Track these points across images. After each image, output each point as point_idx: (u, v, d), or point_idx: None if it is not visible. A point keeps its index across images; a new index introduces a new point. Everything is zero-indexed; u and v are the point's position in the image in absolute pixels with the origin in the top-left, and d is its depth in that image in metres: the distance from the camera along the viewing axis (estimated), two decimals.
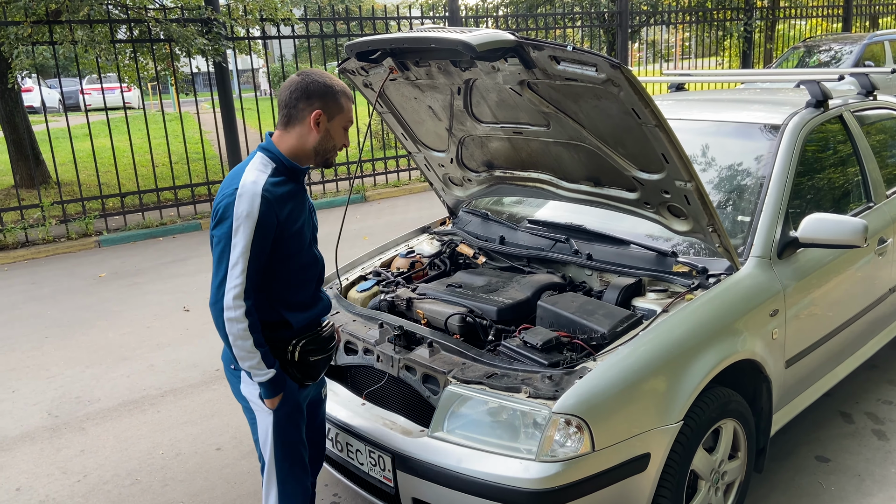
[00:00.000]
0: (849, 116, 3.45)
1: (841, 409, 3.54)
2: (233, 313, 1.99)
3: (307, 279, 2.22)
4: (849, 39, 10.78)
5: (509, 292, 2.78)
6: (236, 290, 1.98)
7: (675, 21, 13.36)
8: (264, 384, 2.09)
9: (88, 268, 6.89)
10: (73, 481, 3.33)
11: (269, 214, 2.00)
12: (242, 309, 1.99)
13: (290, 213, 2.08)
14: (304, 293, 2.20)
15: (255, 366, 2.05)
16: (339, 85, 2.13)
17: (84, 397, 4.16)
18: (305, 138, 2.12)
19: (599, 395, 2.15)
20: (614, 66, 2.13)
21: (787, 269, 2.77)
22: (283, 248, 2.09)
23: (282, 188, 2.07)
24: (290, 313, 2.16)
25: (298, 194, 2.15)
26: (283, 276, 2.13)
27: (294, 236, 2.11)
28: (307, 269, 2.21)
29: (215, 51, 8.10)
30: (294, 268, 2.16)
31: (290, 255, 2.12)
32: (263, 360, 2.05)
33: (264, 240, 2.01)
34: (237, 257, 1.97)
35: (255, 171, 2.06)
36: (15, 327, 5.37)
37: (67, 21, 7.39)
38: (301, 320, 2.19)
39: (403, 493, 2.35)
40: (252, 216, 1.97)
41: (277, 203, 2.03)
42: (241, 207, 1.98)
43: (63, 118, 8.11)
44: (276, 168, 2.09)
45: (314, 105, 2.09)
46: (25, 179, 9.03)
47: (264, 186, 2.01)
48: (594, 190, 2.83)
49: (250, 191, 1.99)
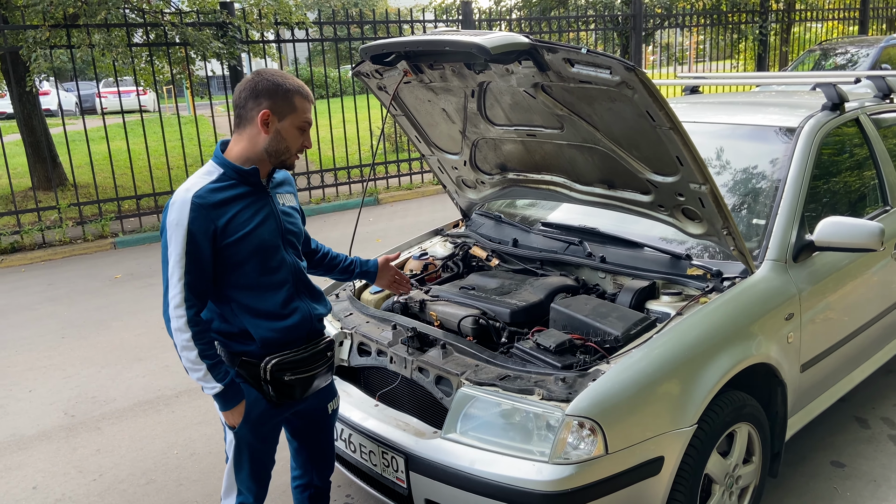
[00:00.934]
0: (865, 119, 3.43)
1: (857, 414, 3.51)
2: (175, 323, 1.95)
3: (272, 285, 2.09)
4: (865, 42, 10.70)
5: (522, 294, 2.78)
6: (176, 299, 1.94)
7: (690, 24, 13.30)
8: (215, 398, 2.02)
9: (104, 269, 6.96)
10: (89, 480, 3.36)
11: (199, 220, 1.93)
12: (183, 319, 1.94)
13: (235, 218, 1.99)
14: (269, 300, 2.08)
15: (202, 378, 1.99)
16: (292, 84, 2.03)
17: (100, 397, 4.20)
18: (255, 140, 2.03)
19: (613, 397, 2.14)
20: (629, 69, 2.13)
21: (802, 272, 2.75)
22: (232, 253, 2.00)
23: (223, 193, 1.99)
24: (253, 321, 2.06)
25: (253, 196, 2.05)
26: (241, 283, 2.05)
27: (242, 241, 2.00)
28: (271, 273, 2.08)
29: (230, 54, 8.16)
30: (251, 273, 2.04)
31: (242, 260, 2.02)
32: (210, 372, 1.98)
33: (198, 246, 1.94)
34: (173, 266, 1.94)
35: (195, 178, 2.02)
36: (32, 328, 5.43)
37: (85, 25, 7.47)
38: (266, 332, 2.07)
39: (416, 495, 2.35)
40: (181, 224, 1.93)
41: (212, 208, 1.96)
42: (171, 216, 1.95)
43: (80, 121, 8.21)
44: (224, 173, 2.02)
45: (262, 104, 2.00)
46: (43, 181, 9.13)
47: (196, 193, 1.96)
48: (608, 192, 2.83)
49: (181, 199, 1.95)
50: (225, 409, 2.05)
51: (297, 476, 2.47)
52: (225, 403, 2.04)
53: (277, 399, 2.12)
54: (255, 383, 2.10)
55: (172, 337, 1.98)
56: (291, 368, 2.11)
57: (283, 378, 2.09)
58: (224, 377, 2.01)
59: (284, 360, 2.10)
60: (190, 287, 1.95)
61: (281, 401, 2.13)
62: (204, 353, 1.97)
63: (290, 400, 2.15)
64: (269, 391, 2.10)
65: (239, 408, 2.07)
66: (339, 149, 10.26)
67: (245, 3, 8.72)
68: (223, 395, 2.02)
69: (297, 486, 2.48)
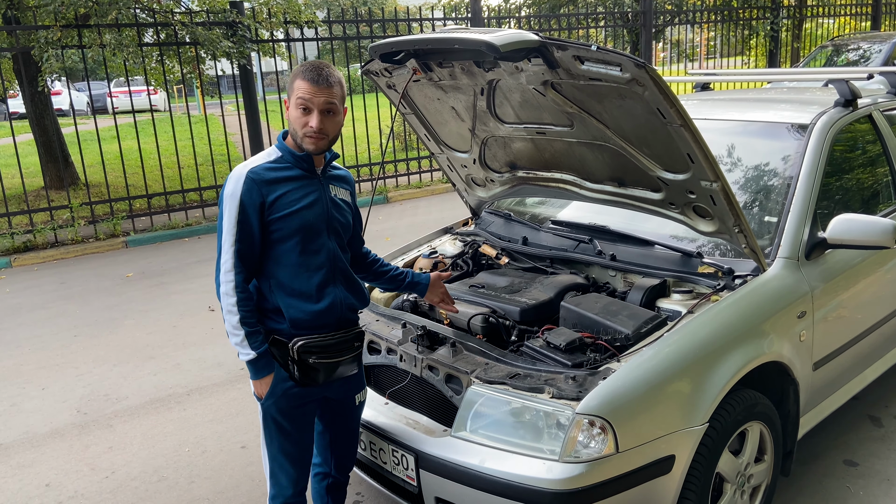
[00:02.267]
0: (878, 116, 3.40)
1: (870, 412, 3.48)
2: (224, 287, 2.09)
3: (310, 267, 2.18)
4: (878, 38, 10.60)
5: (532, 293, 2.78)
6: (227, 264, 2.09)
7: (700, 20, 13.23)
8: (247, 364, 2.14)
9: (116, 268, 7.00)
10: (102, 477, 3.39)
11: (250, 194, 2.08)
12: (232, 283, 2.08)
13: (284, 196, 2.13)
14: (304, 282, 2.18)
15: (239, 343, 2.11)
16: (301, 67, 2.14)
17: (112, 395, 4.23)
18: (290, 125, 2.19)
19: (623, 396, 2.13)
20: (639, 66, 2.12)
21: (815, 270, 2.73)
22: (276, 228, 2.13)
23: (277, 172, 2.14)
24: (286, 300, 2.16)
25: (306, 180, 2.18)
26: (280, 259, 2.16)
27: (287, 219, 2.12)
28: (310, 255, 2.18)
29: (240, 53, 8.19)
30: (291, 251, 2.16)
31: (285, 236, 2.14)
32: (247, 339, 2.10)
33: (248, 217, 2.08)
34: (226, 233, 2.09)
35: (257, 157, 2.18)
36: (44, 326, 5.47)
37: (96, 25, 7.51)
38: (297, 313, 2.16)
39: (426, 493, 2.35)
40: (235, 195, 2.08)
41: (264, 184, 2.11)
42: (227, 189, 2.10)
43: (91, 121, 8.26)
44: (281, 157, 2.17)
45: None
46: (55, 181, 9.19)
47: (252, 169, 2.12)
48: (618, 190, 2.81)
49: (237, 174, 2.11)
50: (255, 377, 2.16)
51: (318, 464, 2.51)
52: (256, 371, 2.15)
53: (301, 380, 2.19)
54: (282, 362, 2.19)
55: (220, 301, 2.12)
56: (317, 352, 2.18)
57: (308, 360, 2.17)
58: (259, 346, 2.12)
59: (311, 342, 2.17)
60: (240, 254, 2.09)
61: (304, 382, 2.20)
62: (245, 320, 2.09)
63: (313, 383, 2.21)
64: (294, 371, 2.18)
65: (267, 379, 2.17)
66: (348, 147, 10.28)
67: (255, 3, 8.75)
68: (255, 362, 2.13)
69: (317, 475, 2.52)
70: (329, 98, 2.10)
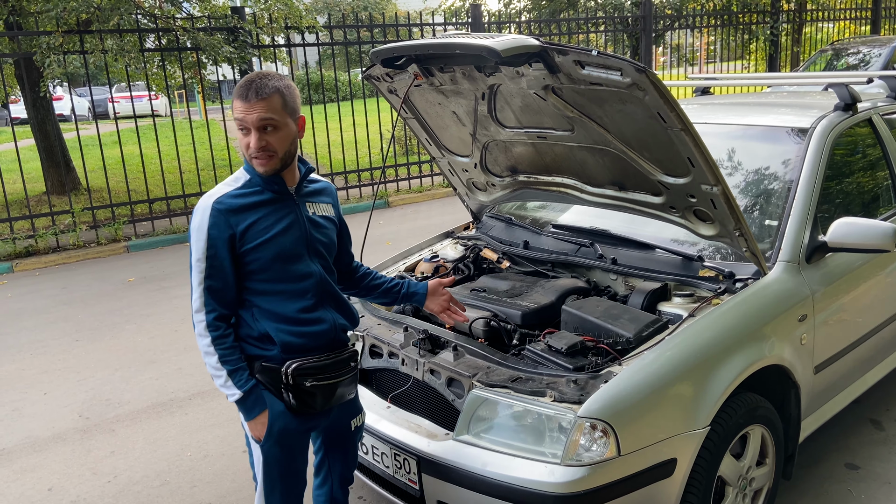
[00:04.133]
0: (878, 120, 3.41)
1: (871, 416, 3.48)
2: (196, 328, 1.99)
3: (295, 293, 2.05)
4: (877, 42, 10.62)
5: (534, 297, 2.78)
6: (196, 303, 1.97)
7: (700, 25, 13.25)
8: (237, 405, 2.02)
9: (117, 272, 7.01)
10: (104, 482, 3.39)
11: (218, 226, 1.95)
12: (203, 323, 1.97)
13: (255, 225, 1.98)
14: (291, 305, 2.05)
15: (223, 384, 1.99)
16: (239, 84, 1.96)
17: (114, 399, 4.23)
18: None
19: (625, 399, 2.14)
20: (639, 70, 2.13)
21: (815, 273, 2.74)
22: (252, 259, 1.99)
23: (246, 199, 1.99)
24: (273, 325, 2.04)
25: (275, 204, 2.03)
26: (262, 289, 2.03)
27: (261, 248, 1.98)
28: (294, 281, 2.05)
29: (241, 59, 8.22)
30: (272, 279, 2.02)
31: (263, 266, 2.00)
32: (230, 378, 1.97)
33: (217, 252, 1.95)
34: (194, 271, 1.97)
35: (222, 184, 2.04)
36: (46, 331, 5.47)
37: (98, 30, 7.54)
38: (287, 337, 2.03)
39: (429, 496, 2.35)
40: (201, 229, 1.96)
41: (232, 214, 1.96)
42: (194, 221, 1.99)
43: (93, 126, 8.29)
44: (249, 180, 2.03)
45: None
46: (56, 186, 9.21)
47: (217, 198, 1.98)
48: (619, 194, 2.82)
49: (202, 205, 1.98)
50: (248, 417, 2.04)
51: (318, 485, 2.41)
52: (248, 411, 2.03)
53: (298, 407, 2.06)
54: (275, 390, 2.05)
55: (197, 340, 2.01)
56: (313, 374, 2.05)
57: (305, 384, 2.04)
58: (245, 383, 2.00)
59: (305, 364, 2.04)
60: (210, 291, 1.97)
61: (301, 409, 2.06)
62: (224, 358, 1.97)
63: (310, 409, 2.08)
64: (290, 399, 2.04)
65: (262, 417, 2.04)
66: (349, 152, 10.30)
67: (256, 8, 8.77)
68: (243, 401, 2.01)
69: (319, 496, 2.41)
70: (263, 113, 1.91)
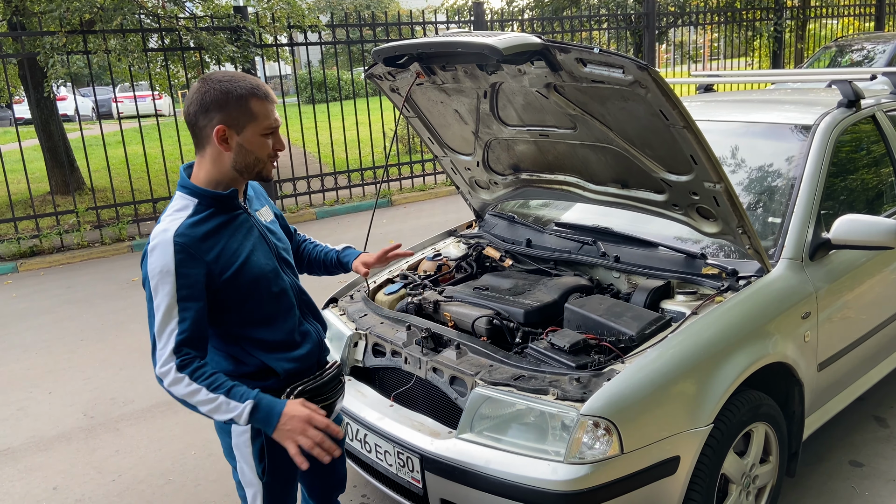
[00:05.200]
0: (882, 116, 3.40)
1: (875, 413, 3.47)
2: (170, 377, 1.71)
3: (281, 313, 1.91)
4: (881, 38, 10.58)
5: (536, 295, 2.78)
6: (165, 352, 1.71)
7: (704, 22, 13.22)
8: (253, 420, 1.74)
9: (122, 272, 7.03)
10: (108, 481, 3.40)
11: (188, 262, 1.71)
12: (173, 365, 1.70)
13: (225, 250, 1.78)
14: (280, 330, 1.90)
15: (226, 410, 1.72)
16: (244, 86, 1.74)
17: (118, 399, 4.25)
18: (219, 159, 1.78)
19: (628, 397, 2.14)
20: (641, 68, 2.12)
21: (819, 270, 2.73)
22: (231, 290, 1.79)
23: (204, 225, 1.77)
24: (269, 356, 1.88)
25: (235, 223, 1.83)
26: (249, 318, 1.85)
27: (239, 274, 1.79)
28: (276, 300, 1.89)
29: (244, 58, 8.22)
30: (256, 304, 1.85)
31: (245, 294, 1.81)
32: (230, 399, 1.72)
33: (192, 290, 1.71)
34: (162, 319, 1.71)
35: (169, 216, 1.78)
36: (51, 330, 5.49)
37: (101, 31, 7.56)
38: (287, 364, 1.90)
39: (432, 494, 2.36)
40: (167, 270, 1.69)
41: (199, 245, 1.73)
42: (153, 264, 1.71)
43: (97, 126, 8.31)
44: (199, 203, 1.79)
45: (213, 119, 1.74)
46: (60, 186, 9.23)
47: (177, 231, 1.72)
48: (621, 192, 2.82)
49: (161, 242, 1.71)
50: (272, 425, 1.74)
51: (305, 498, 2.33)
52: (267, 420, 1.74)
53: None
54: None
55: (174, 395, 1.74)
56: (313, 395, 1.93)
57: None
58: (247, 393, 1.74)
59: (307, 388, 1.92)
60: (186, 339, 1.71)
61: None
62: (212, 386, 1.72)
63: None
64: None
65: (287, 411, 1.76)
66: (352, 151, 10.29)
67: (258, 7, 8.78)
68: (257, 411, 1.73)
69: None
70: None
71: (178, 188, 1.85)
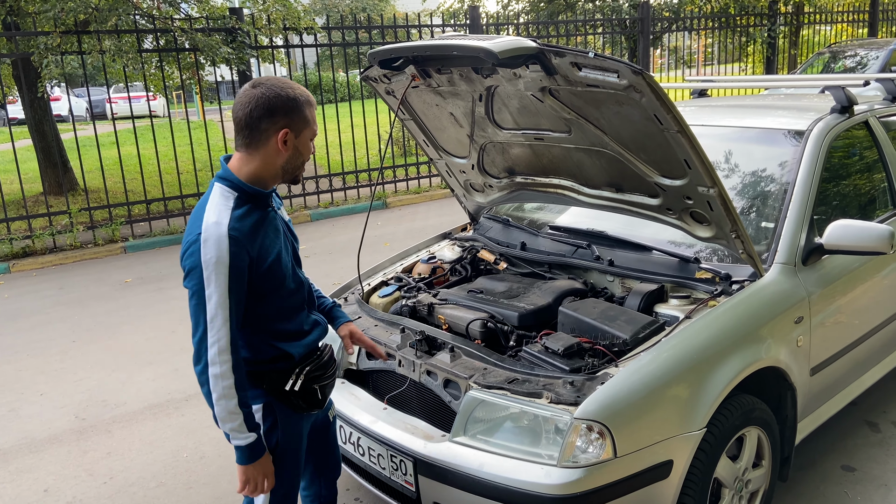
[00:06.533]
0: (875, 122, 3.42)
1: (867, 418, 3.49)
2: (218, 369, 1.82)
3: (296, 306, 2.05)
4: (875, 45, 10.64)
5: (530, 298, 2.78)
6: (220, 343, 1.81)
7: (698, 27, 13.28)
8: (242, 448, 1.90)
9: (114, 273, 7.00)
10: (100, 483, 3.38)
11: (240, 255, 1.81)
12: (228, 364, 1.82)
13: (263, 245, 1.90)
14: (296, 321, 2.05)
15: (237, 427, 1.86)
16: (301, 94, 1.91)
17: (110, 401, 4.23)
18: (272, 160, 1.90)
19: (621, 401, 2.14)
20: (636, 72, 2.13)
21: (812, 275, 2.75)
22: (265, 283, 1.91)
23: (249, 219, 1.87)
24: (287, 345, 2.02)
25: (267, 220, 1.95)
26: (272, 312, 1.98)
27: (273, 267, 1.92)
28: (293, 294, 2.03)
29: (239, 59, 8.21)
30: (280, 297, 1.98)
31: (273, 287, 1.94)
32: (245, 422, 1.87)
33: (240, 283, 1.83)
34: (215, 309, 1.80)
35: (216, 208, 1.85)
36: (43, 332, 5.46)
37: (96, 31, 7.53)
38: (301, 349, 2.05)
39: (425, 498, 2.35)
40: (222, 261, 1.78)
41: (247, 240, 1.84)
42: (208, 254, 1.78)
43: (90, 126, 8.27)
44: (239, 198, 1.88)
45: (279, 123, 1.86)
46: (54, 186, 9.20)
47: (229, 225, 1.81)
48: (616, 196, 2.83)
49: (214, 234, 1.80)
50: (247, 461, 1.93)
51: (305, 487, 2.41)
52: (252, 455, 1.92)
53: (306, 408, 2.08)
54: (282, 398, 2.04)
55: (208, 385, 1.83)
56: (318, 377, 2.09)
57: (312, 386, 2.07)
58: (255, 428, 1.91)
59: (312, 368, 2.07)
60: (235, 329, 1.84)
61: (308, 408, 2.09)
62: (243, 401, 1.86)
63: (316, 407, 2.12)
64: (300, 402, 2.06)
65: (263, 460, 1.95)
66: (347, 153, 10.30)
67: (254, 9, 8.77)
68: (255, 445, 1.91)
69: (306, 497, 2.42)
70: None
71: (217, 179, 1.92)
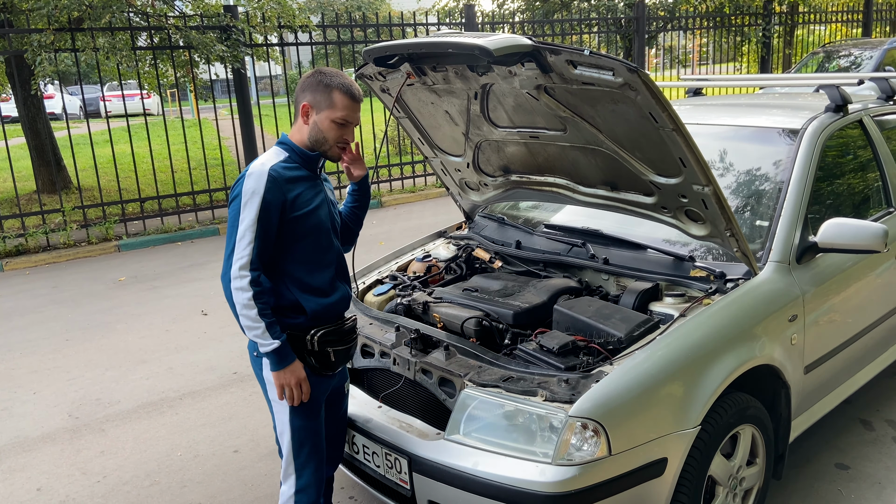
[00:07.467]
0: (868, 121, 3.43)
1: (861, 416, 3.50)
2: (239, 282, 2.11)
3: (323, 263, 2.30)
4: (869, 44, 10.68)
5: (525, 296, 2.78)
6: (242, 260, 2.11)
7: (693, 27, 13.30)
8: (270, 355, 2.17)
9: (108, 272, 6.97)
10: (93, 482, 3.37)
11: (274, 191, 2.14)
12: (248, 278, 2.11)
13: (301, 195, 2.20)
14: (319, 277, 2.28)
15: (259, 335, 2.13)
16: (336, 81, 2.21)
17: (104, 399, 4.21)
18: (301, 130, 2.26)
19: (616, 399, 2.14)
20: (631, 70, 2.13)
21: (806, 274, 2.75)
22: (295, 227, 2.20)
23: (292, 172, 2.21)
24: (303, 296, 2.25)
25: (312, 181, 2.27)
26: (297, 257, 2.24)
27: (305, 217, 2.21)
28: (323, 252, 2.29)
29: (234, 57, 8.18)
30: (307, 249, 2.25)
31: (303, 234, 2.22)
32: (268, 330, 2.13)
33: (270, 214, 2.13)
34: (244, 230, 2.12)
35: (267, 156, 2.24)
36: (36, 330, 5.44)
37: (89, 28, 7.50)
38: (315, 306, 2.26)
39: (419, 496, 2.35)
40: (258, 192, 2.12)
41: (285, 183, 2.17)
42: (248, 185, 2.14)
43: (84, 124, 8.24)
44: (289, 156, 2.25)
45: (304, 97, 2.24)
46: (47, 185, 9.16)
47: (272, 167, 2.17)
48: (611, 194, 2.83)
49: (258, 170, 2.16)
50: (279, 367, 2.19)
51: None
52: (279, 361, 2.18)
53: (321, 369, 2.29)
54: (299, 355, 2.25)
55: (232, 298, 2.13)
56: (334, 340, 2.30)
57: (326, 348, 2.28)
58: (279, 335, 2.17)
59: (329, 330, 2.29)
60: (257, 251, 2.12)
61: (323, 370, 2.30)
62: (263, 312, 2.13)
63: (330, 370, 2.32)
64: (314, 362, 2.27)
65: (293, 367, 2.21)
66: None
67: (249, 7, 8.74)
68: (279, 351, 2.17)
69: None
70: (359, 113, 2.27)
71: (276, 144, 2.30)
